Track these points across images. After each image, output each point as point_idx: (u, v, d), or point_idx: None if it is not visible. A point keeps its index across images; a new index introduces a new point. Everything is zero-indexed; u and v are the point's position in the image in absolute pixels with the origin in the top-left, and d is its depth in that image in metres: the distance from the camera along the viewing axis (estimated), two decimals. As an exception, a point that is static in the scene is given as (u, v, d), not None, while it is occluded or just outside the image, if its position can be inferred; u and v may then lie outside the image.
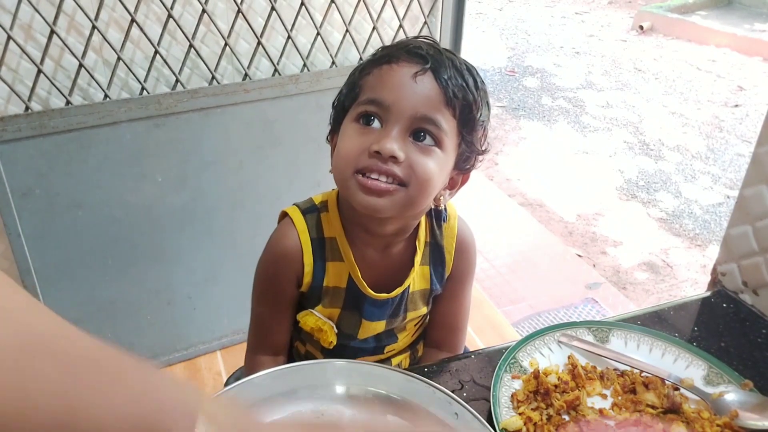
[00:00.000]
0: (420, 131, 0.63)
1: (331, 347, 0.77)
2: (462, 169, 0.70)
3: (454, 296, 0.82)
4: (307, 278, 0.74)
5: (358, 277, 0.74)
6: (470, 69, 0.68)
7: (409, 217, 0.70)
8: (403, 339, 0.83)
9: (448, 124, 0.64)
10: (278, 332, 0.80)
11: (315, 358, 0.82)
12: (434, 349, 0.87)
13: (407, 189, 0.64)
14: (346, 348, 0.80)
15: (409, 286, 0.76)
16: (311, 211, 0.75)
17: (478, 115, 0.67)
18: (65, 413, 0.32)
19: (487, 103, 0.70)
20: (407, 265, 0.76)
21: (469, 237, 0.80)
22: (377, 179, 0.63)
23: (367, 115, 0.64)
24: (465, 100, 0.65)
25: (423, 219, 0.76)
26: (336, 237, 0.73)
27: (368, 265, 0.74)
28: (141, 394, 0.35)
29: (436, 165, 0.64)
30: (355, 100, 0.66)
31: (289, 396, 0.57)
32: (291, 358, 0.86)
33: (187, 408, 0.35)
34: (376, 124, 0.64)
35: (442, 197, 0.72)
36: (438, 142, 0.64)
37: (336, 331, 0.76)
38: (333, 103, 0.72)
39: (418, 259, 0.76)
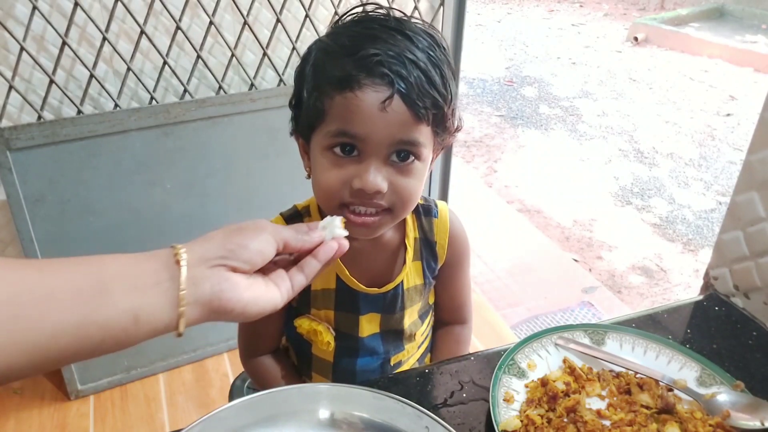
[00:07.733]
0: (400, 152, 0.61)
1: (330, 348, 0.77)
2: (440, 149, 0.69)
3: (452, 281, 0.83)
4: None
5: (347, 276, 0.74)
6: (432, 58, 0.61)
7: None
8: (411, 350, 0.83)
9: (424, 136, 0.62)
10: (266, 336, 0.81)
11: (321, 373, 0.83)
12: (445, 327, 0.88)
13: (393, 212, 0.64)
14: (351, 353, 0.80)
15: (402, 281, 0.77)
16: (294, 216, 0.76)
17: (449, 109, 0.64)
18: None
19: (453, 79, 0.64)
20: (397, 260, 0.77)
21: (461, 228, 0.81)
22: (364, 213, 0.63)
23: (342, 144, 0.61)
24: (436, 107, 0.61)
25: (409, 216, 0.76)
26: None
27: (356, 263, 0.74)
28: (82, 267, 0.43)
29: (418, 178, 0.64)
30: (320, 120, 0.62)
31: (267, 422, 0.57)
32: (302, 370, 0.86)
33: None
34: (352, 152, 0.61)
35: None
36: (418, 156, 0.62)
37: (333, 333, 0.77)
38: (290, 102, 0.68)
39: (410, 256, 0.76)
